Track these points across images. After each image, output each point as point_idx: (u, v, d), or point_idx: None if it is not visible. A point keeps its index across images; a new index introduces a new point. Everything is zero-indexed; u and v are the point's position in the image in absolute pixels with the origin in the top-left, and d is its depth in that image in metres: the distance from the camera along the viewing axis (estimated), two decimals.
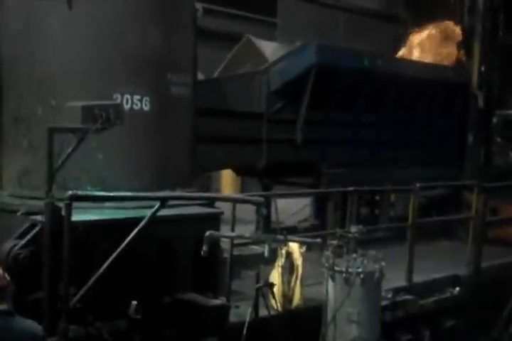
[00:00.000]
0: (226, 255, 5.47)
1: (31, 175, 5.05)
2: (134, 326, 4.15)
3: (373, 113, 8.79)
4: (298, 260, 5.59)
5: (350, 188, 6.52)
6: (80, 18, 5.00)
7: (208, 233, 4.38)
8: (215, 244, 4.87)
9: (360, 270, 5.05)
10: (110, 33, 5.06)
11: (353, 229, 5.33)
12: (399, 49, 10.33)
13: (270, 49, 8.36)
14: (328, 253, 5.21)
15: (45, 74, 5.03)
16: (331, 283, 5.16)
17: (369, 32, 10.28)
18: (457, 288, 7.07)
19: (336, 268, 5.11)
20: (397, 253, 6.79)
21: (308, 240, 5.11)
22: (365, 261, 5.16)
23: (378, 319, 5.31)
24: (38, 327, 3.98)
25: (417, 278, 6.75)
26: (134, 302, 4.10)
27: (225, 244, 5.44)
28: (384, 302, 5.77)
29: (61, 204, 4.05)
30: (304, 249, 5.61)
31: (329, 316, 5.14)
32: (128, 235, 4.08)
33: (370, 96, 8.58)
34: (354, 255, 5.21)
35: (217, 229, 5.01)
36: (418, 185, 6.79)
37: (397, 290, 6.28)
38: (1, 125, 5.35)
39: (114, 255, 4.03)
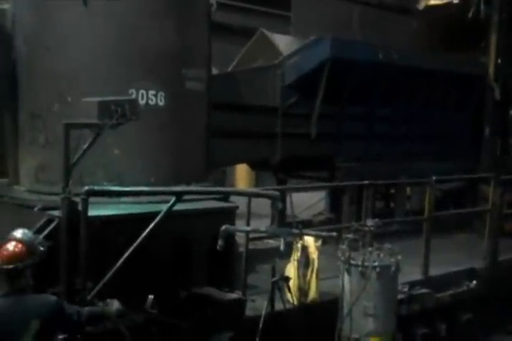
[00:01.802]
0: (241, 249, 5.49)
1: (48, 170, 5.10)
2: (151, 320, 4.17)
3: (388, 106, 8.74)
4: (313, 254, 5.60)
5: (366, 182, 6.51)
6: (94, 14, 5.03)
7: (223, 227, 4.40)
8: (230, 238, 4.89)
9: (376, 263, 5.05)
10: (125, 29, 5.08)
11: (369, 222, 5.32)
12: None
13: (284, 43, 8.33)
14: (343, 246, 5.20)
15: (60, 71, 5.07)
16: (346, 277, 5.16)
17: (384, 25, 10.19)
18: (474, 282, 7.03)
19: (352, 262, 5.11)
20: (413, 247, 6.77)
21: (324, 234, 5.11)
22: (381, 255, 5.15)
23: (394, 312, 5.30)
24: None
25: (434, 272, 6.73)
26: (151, 297, 4.13)
27: (240, 238, 5.46)
28: (400, 296, 5.76)
29: (78, 200, 4.09)
30: (319, 242, 5.61)
31: (345, 310, 5.14)
32: (144, 230, 4.11)
33: (384, 90, 8.53)
34: (370, 249, 5.20)
35: (233, 223, 5.03)
36: (434, 178, 6.75)
37: (413, 284, 6.27)
38: (18, 121, 5.40)
39: (130, 250, 4.06)
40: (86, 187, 4.02)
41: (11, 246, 3.35)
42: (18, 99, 5.37)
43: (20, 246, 3.35)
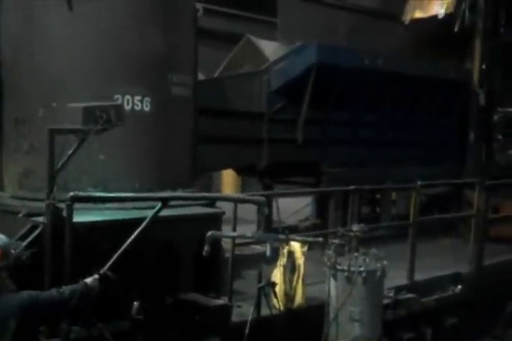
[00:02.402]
0: (228, 255, 5.48)
1: (32, 176, 5.06)
2: (137, 326, 4.15)
3: (374, 112, 8.79)
4: (300, 259, 5.59)
5: (352, 187, 6.53)
6: (80, 19, 5.02)
7: (209, 233, 4.38)
8: (216, 243, 4.88)
9: (362, 269, 5.06)
10: (110, 34, 5.07)
11: (355, 227, 5.33)
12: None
13: (270, 49, 8.36)
14: (329, 252, 5.21)
15: (45, 76, 5.05)
16: (332, 282, 5.16)
17: (370, 31, 10.26)
18: (459, 286, 7.07)
19: (338, 267, 5.11)
20: (399, 252, 6.80)
21: (310, 239, 5.13)
22: (367, 260, 5.16)
23: (380, 317, 5.32)
24: None
25: (419, 277, 6.75)
26: (137, 303, 4.11)
27: (226, 243, 5.45)
28: (386, 301, 5.77)
29: (62, 206, 4.07)
30: (305, 248, 5.61)
31: (331, 315, 5.14)
32: (129, 236, 4.09)
33: (370, 96, 8.58)
34: (356, 254, 5.21)
35: (219, 229, 5.03)
36: (419, 183, 6.79)
37: (398, 289, 6.28)
38: (2, 126, 5.37)
39: (115, 256, 4.03)
40: (71, 193, 4.00)
41: None
42: (2, 104, 5.34)
43: None
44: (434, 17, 10.08)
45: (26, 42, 5.15)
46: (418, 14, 10.30)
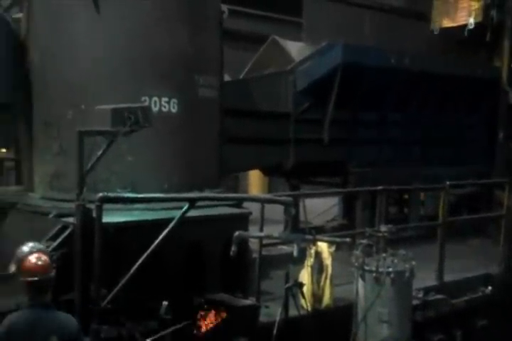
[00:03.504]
0: (255, 255, 5.48)
1: (62, 177, 5.14)
2: (165, 326, 4.17)
3: (401, 111, 8.72)
4: (327, 259, 5.58)
5: (379, 187, 6.48)
6: (107, 21, 5.08)
7: (236, 233, 4.39)
8: (243, 244, 4.89)
9: (390, 269, 5.01)
10: (138, 36, 5.13)
11: (383, 228, 5.29)
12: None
13: (296, 49, 8.35)
14: (357, 252, 5.18)
15: (73, 79, 5.12)
16: (361, 283, 5.13)
17: (396, 30, 10.17)
18: (489, 287, 6.96)
19: (366, 268, 5.08)
20: (428, 253, 6.72)
21: (338, 239, 5.10)
22: (395, 261, 5.12)
23: (409, 319, 5.26)
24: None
25: (448, 278, 6.67)
26: (165, 303, 4.13)
27: (253, 244, 5.46)
28: (415, 302, 5.71)
29: (92, 206, 4.11)
30: (333, 248, 5.59)
31: (360, 316, 5.11)
32: (157, 236, 4.12)
33: (397, 95, 8.51)
34: (384, 254, 5.17)
35: (246, 229, 5.03)
36: (448, 183, 6.71)
37: (428, 290, 6.21)
38: (32, 129, 5.45)
39: (144, 256, 4.06)
40: (100, 194, 4.03)
41: (35, 258, 3.29)
42: (32, 107, 5.42)
43: (44, 257, 3.31)
44: (464, 26, 9.92)
45: (54, 46, 5.23)
46: (447, 23, 10.12)
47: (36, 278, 3.21)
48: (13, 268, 3.32)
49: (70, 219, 4.35)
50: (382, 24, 10.59)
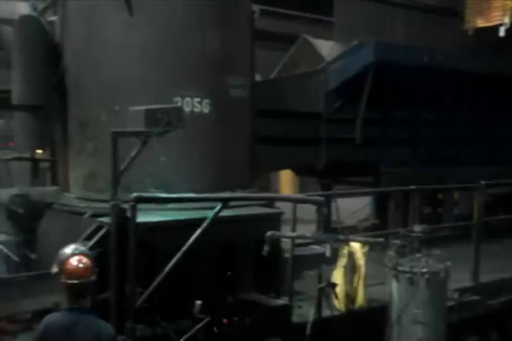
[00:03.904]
0: (287, 255, 5.48)
1: (97, 178, 5.21)
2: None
3: (434, 110, 8.61)
4: (360, 260, 5.53)
5: (413, 187, 6.41)
6: (140, 24, 5.14)
7: (269, 233, 4.40)
8: (276, 244, 4.89)
9: (424, 270, 4.96)
10: (170, 38, 5.17)
11: (417, 228, 5.23)
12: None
13: (327, 48, 8.30)
14: (391, 253, 5.13)
15: (108, 80, 5.19)
16: (394, 284, 5.08)
17: (429, 28, 10.06)
18: None
19: (400, 268, 5.03)
20: (463, 253, 6.62)
21: (371, 239, 5.05)
22: (430, 261, 5.06)
23: (444, 320, 5.19)
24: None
25: (484, 278, 6.57)
26: (199, 302, 4.16)
27: (285, 244, 5.45)
28: (450, 303, 5.63)
29: (126, 206, 4.16)
30: (366, 248, 5.55)
31: (394, 317, 5.07)
32: (190, 236, 4.15)
33: (430, 93, 8.40)
34: (418, 255, 5.11)
35: (278, 229, 5.03)
36: (483, 182, 6.60)
37: (463, 291, 6.13)
38: (68, 130, 5.54)
39: (178, 255, 4.10)
40: (134, 194, 4.08)
41: (76, 260, 3.28)
42: (67, 109, 5.51)
43: (85, 260, 3.31)
44: (498, 26, 9.73)
45: (89, 48, 5.30)
46: (480, 23, 9.96)
47: (76, 281, 3.21)
48: (55, 269, 3.34)
49: (105, 219, 4.41)
50: (414, 22, 10.47)
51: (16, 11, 6.05)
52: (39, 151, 7.34)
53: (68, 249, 3.39)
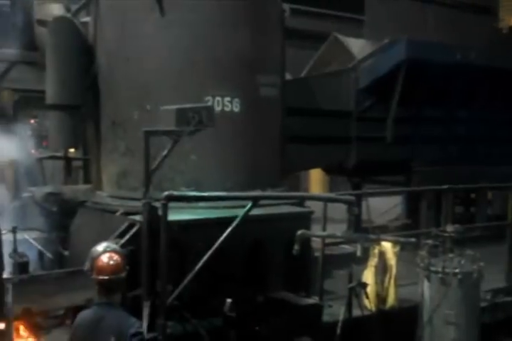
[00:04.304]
0: (317, 254, 5.46)
1: (129, 176, 5.27)
2: (229, 323, 4.22)
3: (467, 108, 8.48)
4: (391, 260, 5.49)
5: (445, 186, 6.33)
6: (172, 24, 5.18)
7: (299, 232, 4.39)
8: (306, 243, 4.88)
9: (457, 270, 4.90)
10: (201, 38, 5.20)
11: (450, 228, 5.16)
12: None
13: (358, 46, 8.25)
14: (423, 253, 5.08)
15: (140, 80, 5.24)
16: (426, 284, 5.03)
17: (461, 25, 9.91)
18: None
19: (432, 269, 4.97)
20: (496, 253, 6.51)
21: (402, 239, 5.00)
22: (463, 261, 4.99)
23: (477, 321, 5.12)
24: None
25: None
26: (229, 300, 4.17)
27: (314, 243, 5.43)
28: (483, 304, 5.55)
29: (157, 205, 4.19)
30: (397, 248, 5.50)
31: (425, 317, 5.01)
32: (221, 234, 4.16)
33: (463, 91, 8.29)
34: (451, 255, 5.04)
35: (308, 228, 5.01)
36: None
37: (496, 292, 6.04)
38: (100, 129, 5.61)
39: (208, 253, 4.12)
40: (166, 193, 4.11)
41: (107, 257, 3.35)
42: (100, 108, 5.58)
43: (116, 257, 3.38)
44: None
45: (121, 49, 5.37)
46: None
47: (106, 278, 3.28)
48: (87, 265, 3.41)
49: (137, 217, 4.46)
50: (446, 19, 10.33)
51: (50, 13, 6.15)
52: (72, 150, 7.45)
53: (100, 247, 3.45)
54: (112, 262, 3.34)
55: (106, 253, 3.38)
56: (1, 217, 5.17)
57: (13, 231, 4.85)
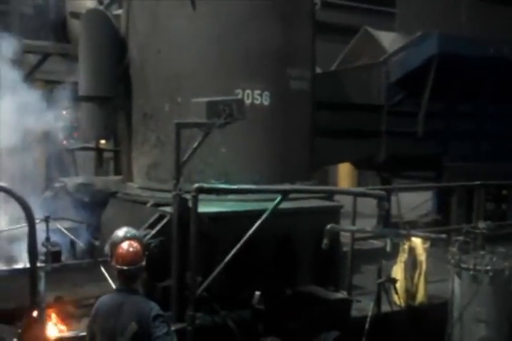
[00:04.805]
0: (346, 249, 5.43)
1: (159, 168, 5.30)
2: (258, 316, 4.22)
3: (500, 102, 8.33)
4: (421, 256, 5.44)
5: (477, 182, 6.23)
6: (203, 17, 5.18)
7: (328, 226, 4.36)
8: (335, 237, 4.85)
9: (488, 267, 4.82)
10: (232, 31, 5.19)
11: (481, 224, 5.09)
12: None
13: (389, 40, 8.16)
14: (454, 249, 5.01)
15: (171, 72, 5.26)
16: (457, 281, 4.97)
17: (494, 18, 9.72)
18: None
19: (463, 265, 4.91)
20: None
21: (433, 235, 4.94)
22: (494, 259, 4.92)
23: (508, 319, 5.04)
24: None
25: None
26: (258, 293, 4.18)
27: (343, 237, 5.40)
28: None
29: (187, 197, 4.21)
30: (427, 244, 5.44)
31: (455, 315, 4.96)
32: (249, 227, 4.16)
33: (496, 86, 8.14)
34: (482, 252, 4.98)
35: (337, 222, 4.99)
36: None
37: None
38: (131, 121, 5.65)
39: (238, 246, 4.12)
40: (196, 185, 4.12)
41: (127, 244, 3.36)
42: (131, 100, 5.62)
43: (135, 245, 3.38)
44: None
45: (152, 41, 5.39)
46: None
47: (125, 268, 3.29)
48: (107, 249, 3.43)
49: (167, 209, 4.48)
50: (479, 12, 10.15)
51: (82, 5, 6.21)
52: (103, 141, 7.52)
53: (121, 232, 3.48)
54: (131, 249, 3.33)
55: (126, 241, 3.40)
56: (34, 207, 5.25)
57: (46, 220, 4.91)
